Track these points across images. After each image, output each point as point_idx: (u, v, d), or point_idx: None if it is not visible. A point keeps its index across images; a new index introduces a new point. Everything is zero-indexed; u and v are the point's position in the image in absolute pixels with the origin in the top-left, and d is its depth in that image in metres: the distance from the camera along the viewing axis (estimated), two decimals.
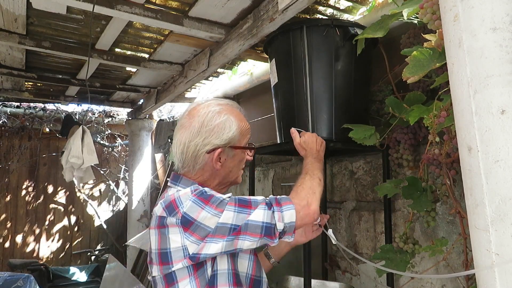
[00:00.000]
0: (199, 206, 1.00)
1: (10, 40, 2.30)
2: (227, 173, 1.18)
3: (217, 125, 1.13)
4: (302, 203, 1.07)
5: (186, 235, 0.99)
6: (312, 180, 1.16)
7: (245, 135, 1.19)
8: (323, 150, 1.37)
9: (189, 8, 2.01)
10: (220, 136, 1.12)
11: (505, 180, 0.75)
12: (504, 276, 0.75)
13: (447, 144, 1.24)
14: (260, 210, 1.02)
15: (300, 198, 1.09)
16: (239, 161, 1.20)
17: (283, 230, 1.03)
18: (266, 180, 2.88)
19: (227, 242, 0.99)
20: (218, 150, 1.12)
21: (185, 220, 0.99)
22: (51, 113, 4.98)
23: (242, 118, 1.20)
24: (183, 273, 1.02)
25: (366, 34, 1.47)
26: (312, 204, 1.08)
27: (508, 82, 0.76)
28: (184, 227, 1.00)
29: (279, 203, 1.05)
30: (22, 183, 5.02)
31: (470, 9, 0.80)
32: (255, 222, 1.00)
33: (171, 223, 1.02)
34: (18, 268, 4.01)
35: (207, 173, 1.15)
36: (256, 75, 2.87)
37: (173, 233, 1.01)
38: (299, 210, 1.06)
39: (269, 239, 1.03)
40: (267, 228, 1.01)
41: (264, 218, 1.01)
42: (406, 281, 1.73)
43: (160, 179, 4.88)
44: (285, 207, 1.05)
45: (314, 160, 1.27)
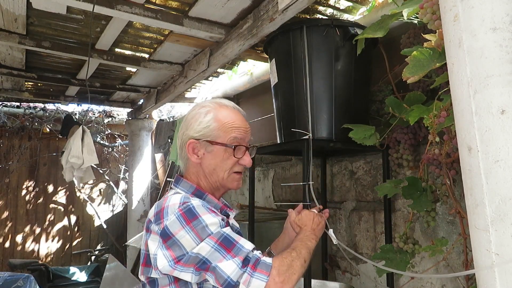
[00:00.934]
0: (180, 224, 0.99)
1: (10, 40, 2.30)
2: (210, 170, 1.15)
3: (193, 117, 1.15)
4: (277, 279, 0.99)
5: (163, 247, 1.00)
6: (298, 259, 1.07)
7: (227, 132, 1.13)
8: (319, 229, 1.26)
9: (189, 8, 2.01)
10: (193, 128, 1.13)
11: (505, 180, 0.75)
12: (504, 276, 0.75)
13: (447, 144, 1.24)
14: (233, 264, 0.97)
15: (279, 273, 1.00)
16: (222, 159, 1.14)
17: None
18: (266, 180, 2.88)
19: (196, 275, 0.98)
20: (190, 141, 1.13)
21: (164, 233, 1.00)
22: (51, 113, 4.97)
23: (228, 115, 1.15)
24: (164, 280, 1.03)
25: (366, 34, 1.47)
26: (288, 284, 1.00)
27: (508, 82, 0.76)
28: (163, 239, 1.00)
29: (255, 267, 0.98)
30: (22, 183, 5.02)
31: (470, 9, 0.80)
32: (222, 272, 0.96)
33: (153, 230, 1.03)
34: (18, 268, 4.01)
35: (194, 169, 1.16)
36: (256, 75, 2.87)
37: (153, 240, 1.03)
38: (270, 285, 0.97)
39: None
40: (229, 284, 0.96)
41: (232, 274, 0.96)
42: (406, 281, 1.73)
43: (160, 179, 4.88)
44: (258, 275, 0.97)
45: (306, 238, 1.17)
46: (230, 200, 3.34)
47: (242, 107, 1.26)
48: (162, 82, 3.39)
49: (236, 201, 3.27)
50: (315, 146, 1.64)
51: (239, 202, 3.18)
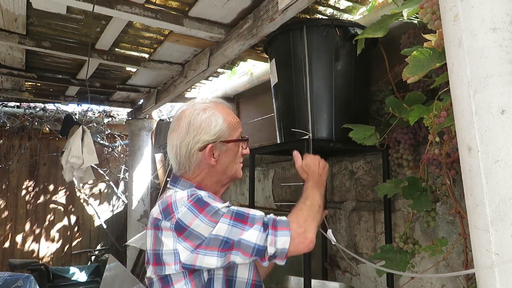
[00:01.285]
0: (193, 214, 1.00)
1: (10, 40, 2.30)
2: (224, 168, 1.18)
3: (204, 121, 1.15)
4: (299, 230, 1.04)
5: (179, 239, 1.00)
6: (312, 207, 1.13)
7: (235, 129, 1.20)
8: (325, 174, 1.31)
9: (189, 8, 2.01)
10: (208, 132, 1.14)
11: (505, 180, 0.75)
12: (504, 276, 0.75)
13: (447, 144, 1.24)
14: (255, 231, 1.00)
15: (298, 225, 1.05)
16: (234, 155, 1.20)
17: (274, 255, 1.01)
18: (266, 180, 2.88)
19: (221, 257, 0.99)
20: (209, 146, 1.14)
21: (178, 226, 1.00)
22: (51, 113, 4.97)
23: (229, 113, 1.21)
24: (178, 275, 1.03)
25: (366, 34, 1.47)
26: (309, 232, 1.05)
27: (508, 82, 0.76)
28: (177, 232, 1.00)
29: (276, 226, 1.02)
30: (22, 183, 5.02)
31: (470, 9, 0.80)
32: (248, 242, 0.99)
33: (165, 227, 1.02)
34: (18, 268, 4.01)
35: (204, 171, 1.16)
36: (256, 75, 2.87)
37: (167, 236, 1.02)
38: (294, 237, 1.02)
39: (260, 260, 1.02)
40: (258, 250, 0.99)
41: (258, 240, 1.00)
42: (406, 281, 1.73)
43: (160, 179, 4.88)
44: (281, 232, 1.02)
45: (315, 185, 1.23)
46: (230, 200, 3.34)
47: (242, 107, 1.29)
48: (162, 82, 3.39)
49: (236, 201, 3.27)
50: (315, 146, 1.64)
51: (239, 202, 3.18)
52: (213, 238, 0.98)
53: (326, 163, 1.34)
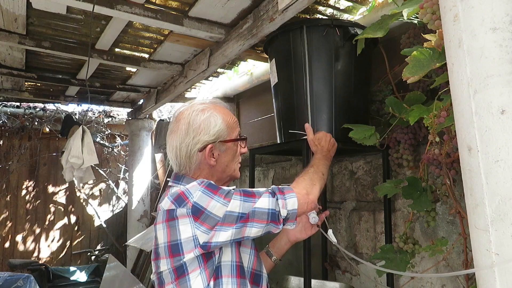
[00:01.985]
0: (208, 196, 1.03)
1: (10, 40, 2.30)
2: (223, 168, 1.21)
3: (203, 122, 1.17)
4: (302, 192, 1.14)
5: (197, 224, 1.02)
6: (315, 173, 1.23)
7: (233, 128, 1.23)
8: (333, 151, 1.44)
9: (189, 8, 2.01)
10: (207, 132, 1.16)
11: (505, 180, 0.75)
12: (504, 276, 0.75)
13: (447, 144, 1.24)
14: (265, 198, 1.07)
15: (300, 188, 1.16)
16: (233, 154, 1.23)
17: (286, 217, 1.09)
18: (266, 180, 2.88)
19: (236, 229, 1.03)
20: (209, 146, 1.16)
21: (195, 209, 1.02)
22: (51, 113, 4.98)
23: (227, 113, 1.24)
24: (194, 264, 1.04)
25: (366, 34, 1.47)
26: (311, 193, 1.16)
27: (508, 82, 0.76)
28: (194, 216, 1.02)
29: (282, 191, 1.11)
30: (22, 183, 5.02)
31: (470, 9, 0.80)
32: (262, 209, 1.05)
33: (181, 214, 1.03)
34: (18, 268, 4.01)
35: (204, 171, 1.18)
36: (256, 75, 2.87)
37: (184, 224, 1.03)
38: (299, 198, 1.12)
39: (275, 225, 1.08)
40: (272, 214, 1.06)
41: (270, 205, 1.07)
42: (406, 281, 1.73)
43: (160, 179, 4.88)
44: (288, 195, 1.11)
45: (322, 157, 1.35)
46: None
47: (242, 107, 1.30)
48: (162, 82, 3.39)
49: None
50: None
51: None
52: (228, 215, 1.02)
53: (335, 142, 1.48)
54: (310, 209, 1.17)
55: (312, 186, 1.19)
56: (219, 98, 2.56)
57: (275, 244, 1.40)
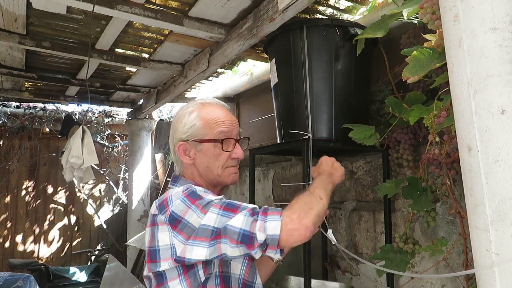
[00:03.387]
0: (185, 205, 0.99)
1: (10, 40, 2.30)
2: (204, 169, 1.15)
3: (180, 121, 1.16)
4: (292, 216, 0.95)
5: (175, 233, 0.98)
6: (311, 196, 1.04)
7: (211, 128, 1.13)
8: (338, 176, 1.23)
9: (189, 8, 2.01)
10: (181, 130, 1.14)
11: (505, 180, 0.75)
12: (504, 276, 0.75)
13: (447, 144, 1.24)
14: (241, 216, 0.94)
15: (291, 210, 0.97)
16: (213, 156, 1.14)
17: (265, 242, 0.92)
18: (266, 180, 2.88)
19: (210, 247, 0.94)
20: (179, 144, 1.14)
21: (172, 218, 0.99)
22: (51, 113, 4.97)
23: (211, 112, 1.16)
24: (173, 273, 1.01)
25: (366, 34, 1.47)
26: (305, 218, 0.95)
27: (508, 82, 0.76)
28: (172, 225, 0.99)
29: (265, 212, 0.96)
30: (22, 183, 5.01)
31: (470, 9, 0.80)
32: (233, 227, 0.93)
33: (160, 221, 1.01)
34: (18, 268, 4.00)
35: (189, 170, 1.17)
36: (256, 75, 2.87)
37: (162, 231, 1.01)
38: (287, 222, 0.93)
39: (247, 249, 0.94)
40: (244, 235, 0.92)
41: (243, 224, 0.93)
42: (406, 281, 1.73)
43: (160, 179, 4.88)
44: (270, 217, 0.94)
45: (321, 182, 1.15)
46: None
47: (242, 107, 1.28)
48: (162, 82, 3.39)
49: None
50: (315, 146, 1.64)
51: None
52: (202, 228, 0.95)
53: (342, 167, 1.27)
54: (302, 237, 0.94)
55: (308, 210, 0.98)
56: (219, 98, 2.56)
57: None
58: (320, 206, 1.02)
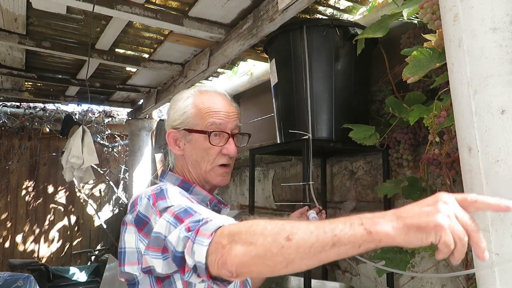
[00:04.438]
0: (150, 205, 0.87)
1: (10, 40, 2.30)
2: (193, 162, 1.03)
3: (173, 106, 1.06)
4: (222, 240, 0.66)
5: (140, 236, 0.88)
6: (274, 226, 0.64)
7: (204, 118, 1.01)
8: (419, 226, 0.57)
9: (189, 8, 2.01)
10: (173, 117, 1.05)
11: (505, 180, 0.75)
12: (504, 276, 0.75)
13: (447, 144, 1.24)
14: (177, 231, 0.74)
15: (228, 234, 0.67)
16: (203, 149, 1.01)
17: (196, 269, 0.70)
18: (266, 180, 2.88)
19: (165, 260, 0.78)
20: (169, 131, 1.05)
21: (138, 219, 0.88)
22: (51, 113, 4.97)
23: (206, 100, 1.03)
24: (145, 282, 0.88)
25: (366, 34, 1.47)
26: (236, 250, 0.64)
27: (508, 82, 0.76)
28: (137, 227, 0.88)
29: (198, 230, 0.71)
30: (22, 183, 5.02)
31: (470, 9, 0.80)
32: (169, 244, 0.75)
33: (128, 221, 0.92)
34: (18, 268, 4.00)
35: (179, 162, 1.07)
36: (256, 75, 2.87)
37: (129, 232, 0.91)
38: (212, 250, 0.67)
39: (180, 272, 0.75)
40: (175, 256, 0.73)
41: (175, 242, 0.73)
42: (406, 281, 1.73)
43: None
44: (199, 238, 0.69)
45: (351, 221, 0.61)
46: (230, 200, 3.34)
47: (242, 107, 1.24)
48: (162, 82, 3.39)
49: (236, 201, 3.27)
50: (315, 146, 1.64)
51: (239, 202, 3.18)
52: (155, 236, 0.79)
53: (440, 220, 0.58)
54: (230, 275, 0.66)
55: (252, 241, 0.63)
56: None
57: None
58: (278, 246, 0.61)
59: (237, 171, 3.26)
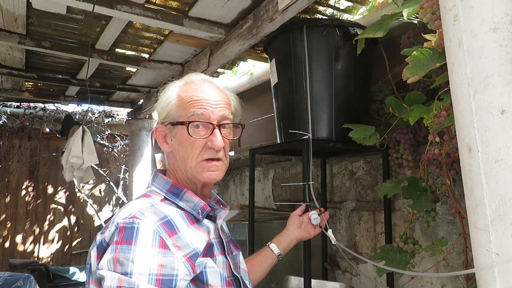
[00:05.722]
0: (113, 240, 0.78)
1: (10, 40, 2.30)
2: (180, 159, 0.94)
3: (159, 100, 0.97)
4: None
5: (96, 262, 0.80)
6: None
7: (186, 109, 0.91)
8: None
9: (189, 8, 2.01)
10: (159, 111, 0.96)
11: (505, 180, 0.75)
12: (504, 276, 0.75)
13: (447, 144, 1.24)
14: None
15: None
16: (187, 143, 0.91)
17: None
18: (266, 180, 2.88)
19: None
20: (156, 127, 0.97)
21: (100, 246, 0.81)
22: (51, 113, 4.98)
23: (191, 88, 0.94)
24: None
25: (366, 34, 1.47)
26: None
27: (508, 82, 0.76)
28: (97, 254, 0.81)
29: None
30: (22, 183, 5.02)
31: (470, 9, 0.80)
32: None
33: (97, 239, 0.84)
34: (18, 268, 4.00)
35: (171, 161, 0.99)
36: (256, 75, 2.87)
37: (93, 251, 0.83)
38: None
39: None
40: None
41: None
42: (406, 281, 1.73)
43: None
44: None
45: None
46: (230, 200, 3.34)
47: None
48: (162, 82, 3.39)
49: (236, 201, 3.27)
50: (315, 146, 1.64)
51: (239, 202, 3.18)
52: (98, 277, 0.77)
53: None
54: None
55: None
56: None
57: (280, 241, 1.30)
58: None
59: (237, 171, 3.26)
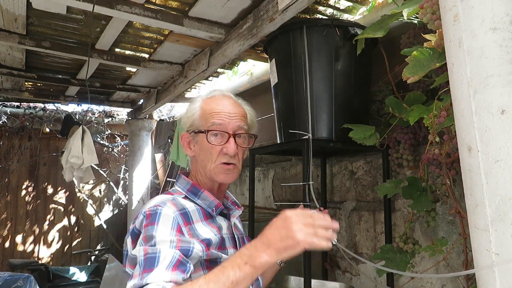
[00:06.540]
0: (142, 225, 0.94)
1: (10, 40, 2.30)
2: (201, 162, 1.10)
3: (186, 111, 1.15)
4: None
5: (131, 248, 0.97)
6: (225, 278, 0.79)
7: (207, 119, 1.09)
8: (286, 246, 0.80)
9: (189, 8, 2.01)
10: (185, 120, 1.14)
11: (505, 180, 0.75)
12: (504, 276, 0.75)
13: (447, 144, 1.24)
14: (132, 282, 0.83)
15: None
16: (207, 149, 1.08)
17: None
18: (266, 180, 2.88)
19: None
20: (182, 134, 1.14)
21: (133, 233, 0.97)
22: (51, 113, 4.97)
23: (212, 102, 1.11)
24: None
25: (366, 34, 1.47)
26: None
27: (508, 82, 0.76)
28: (132, 239, 0.97)
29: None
30: (22, 183, 5.01)
31: (470, 9, 0.80)
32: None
33: (130, 228, 1.00)
34: (18, 268, 4.00)
35: (193, 164, 1.15)
36: (256, 75, 2.87)
37: (128, 238, 1.00)
38: None
39: None
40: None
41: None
42: (406, 281, 1.73)
43: (160, 179, 4.88)
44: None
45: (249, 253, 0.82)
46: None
47: None
48: (162, 82, 3.39)
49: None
50: (315, 146, 1.64)
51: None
52: (133, 257, 0.91)
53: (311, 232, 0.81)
54: None
55: None
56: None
57: None
58: None
59: None
